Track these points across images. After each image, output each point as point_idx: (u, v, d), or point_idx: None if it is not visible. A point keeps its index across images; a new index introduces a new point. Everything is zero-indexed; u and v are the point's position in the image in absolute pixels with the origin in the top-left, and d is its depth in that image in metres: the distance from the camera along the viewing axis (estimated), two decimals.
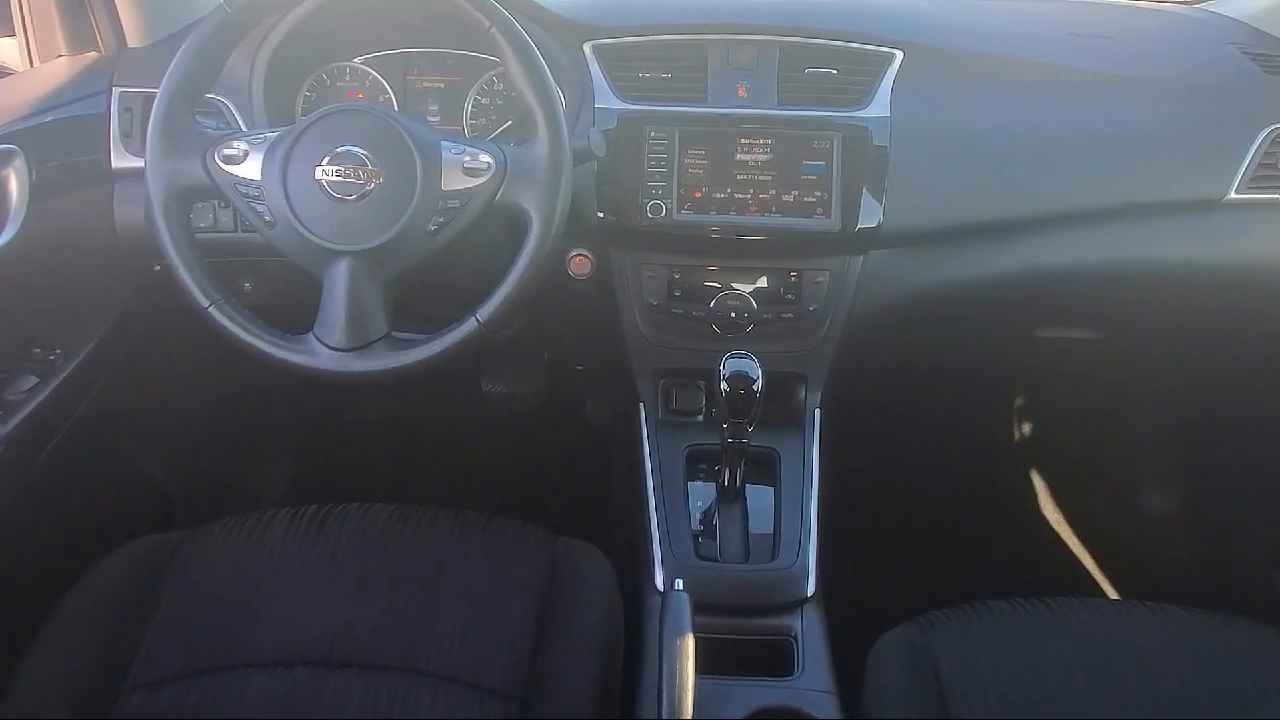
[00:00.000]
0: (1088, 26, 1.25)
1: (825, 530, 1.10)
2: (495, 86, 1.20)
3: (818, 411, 1.19)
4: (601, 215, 1.11)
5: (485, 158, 0.91)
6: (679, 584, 0.88)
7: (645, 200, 1.09)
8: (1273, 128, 1.12)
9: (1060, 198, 1.12)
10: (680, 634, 0.83)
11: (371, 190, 0.90)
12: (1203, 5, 1.43)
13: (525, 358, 1.78)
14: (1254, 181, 1.12)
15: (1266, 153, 1.12)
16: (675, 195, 1.09)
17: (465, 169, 0.91)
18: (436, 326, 0.94)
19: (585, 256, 1.15)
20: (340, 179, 0.89)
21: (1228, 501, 1.52)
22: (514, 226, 0.93)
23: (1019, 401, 1.87)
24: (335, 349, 0.91)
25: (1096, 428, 1.76)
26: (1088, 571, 1.69)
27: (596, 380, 1.73)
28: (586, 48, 1.12)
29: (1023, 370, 1.68)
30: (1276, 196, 1.12)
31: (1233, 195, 1.12)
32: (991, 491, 1.83)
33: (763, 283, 1.14)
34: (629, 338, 1.19)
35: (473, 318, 0.92)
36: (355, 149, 0.90)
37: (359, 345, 0.91)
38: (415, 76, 1.22)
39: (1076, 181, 1.12)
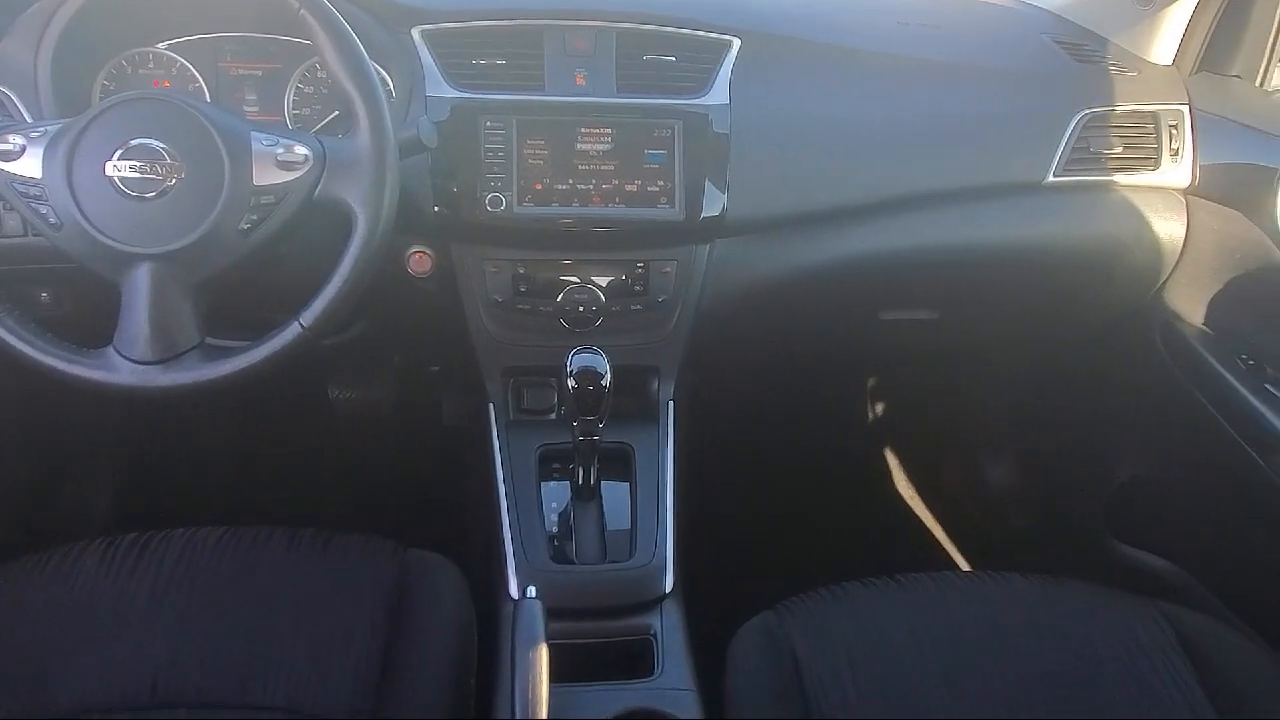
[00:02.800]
0: (914, 16, 1.29)
1: (683, 524, 1.09)
2: (319, 74, 1.12)
3: (671, 403, 1.18)
4: (438, 209, 1.05)
5: (301, 149, 0.85)
6: (531, 591, 0.85)
7: (484, 193, 1.04)
8: (1084, 113, 1.18)
9: (895, 183, 1.15)
10: (533, 644, 0.79)
11: (173, 187, 0.82)
12: None
13: (373, 361, 1.70)
14: (1069, 165, 1.18)
15: (1079, 137, 1.18)
16: (515, 187, 1.05)
17: (279, 162, 0.84)
18: (266, 331, 0.87)
19: (425, 253, 1.10)
20: (136, 175, 0.81)
21: (1062, 470, 1.62)
22: (342, 223, 0.87)
23: (871, 382, 1.93)
24: (138, 362, 0.83)
25: (943, 405, 1.84)
26: (941, 545, 1.76)
27: (450, 381, 1.68)
28: (415, 32, 1.07)
29: (871, 352, 1.73)
30: (1088, 178, 1.19)
31: (1051, 178, 1.18)
32: (849, 472, 1.88)
33: (610, 275, 1.11)
34: (475, 336, 1.15)
35: (295, 322, 0.86)
36: (152, 142, 0.82)
37: (166, 357, 0.83)
38: (229, 64, 1.12)
39: (909, 167, 1.15)
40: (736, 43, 1.12)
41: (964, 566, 1.70)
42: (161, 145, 0.82)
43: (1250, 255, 1.13)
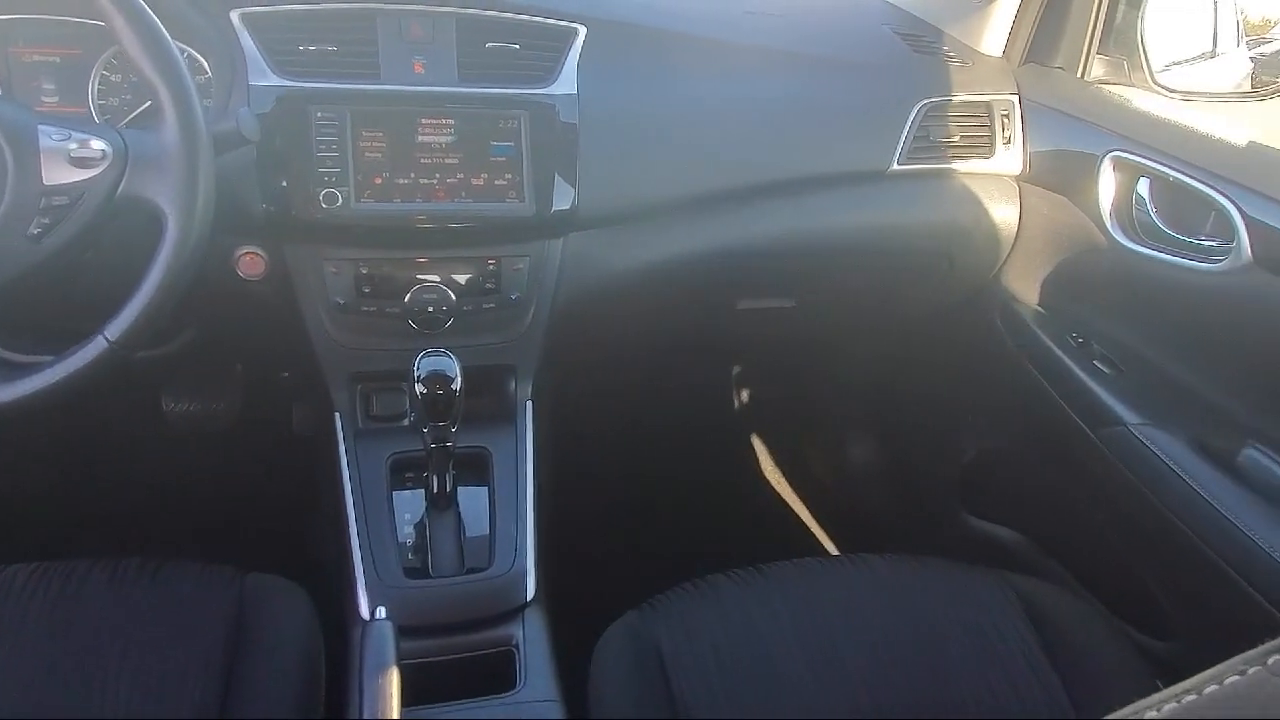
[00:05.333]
0: (760, 4, 1.29)
1: (545, 528, 1.06)
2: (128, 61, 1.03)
3: (530, 403, 1.14)
4: (267, 207, 0.98)
5: (99, 144, 0.77)
6: (381, 612, 0.80)
7: (317, 189, 0.97)
8: (923, 103, 1.21)
9: (745, 172, 1.15)
10: (382, 668, 0.75)
11: None
12: None
13: (212, 370, 1.59)
14: (911, 153, 1.21)
15: (920, 126, 1.21)
16: (352, 182, 0.98)
17: (73, 159, 0.76)
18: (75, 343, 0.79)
19: (256, 255, 1.02)
20: None
21: (917, 450, 1.68)
22: (153, 225, 0.79)
23: (734, 371, 1.95)
24: None
25: (805, 391, 1.87)
26: (809, 529, 1.79)
27: (300, 389, 1.58)
28: (234, 15, 0.99)
29: (732, 342, 1.74)
30: (929, 166, 1.23)
31: (895, 166, 1.21)
32: (716, 462, 1.89)
33: (460, 273, 1.06)
34: (316, 342, 1.08)
35: (100, 336, 0.78)
36: None
37: None
38: (21, 49, 1.01)
39: (758, 156, 1.16)
40: (583, 30, 1.09)
41: (831, 548, 1.74)
42: None
43: (1077, 238, 1.19)
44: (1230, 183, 0.99)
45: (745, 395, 1.96)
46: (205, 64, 1.01)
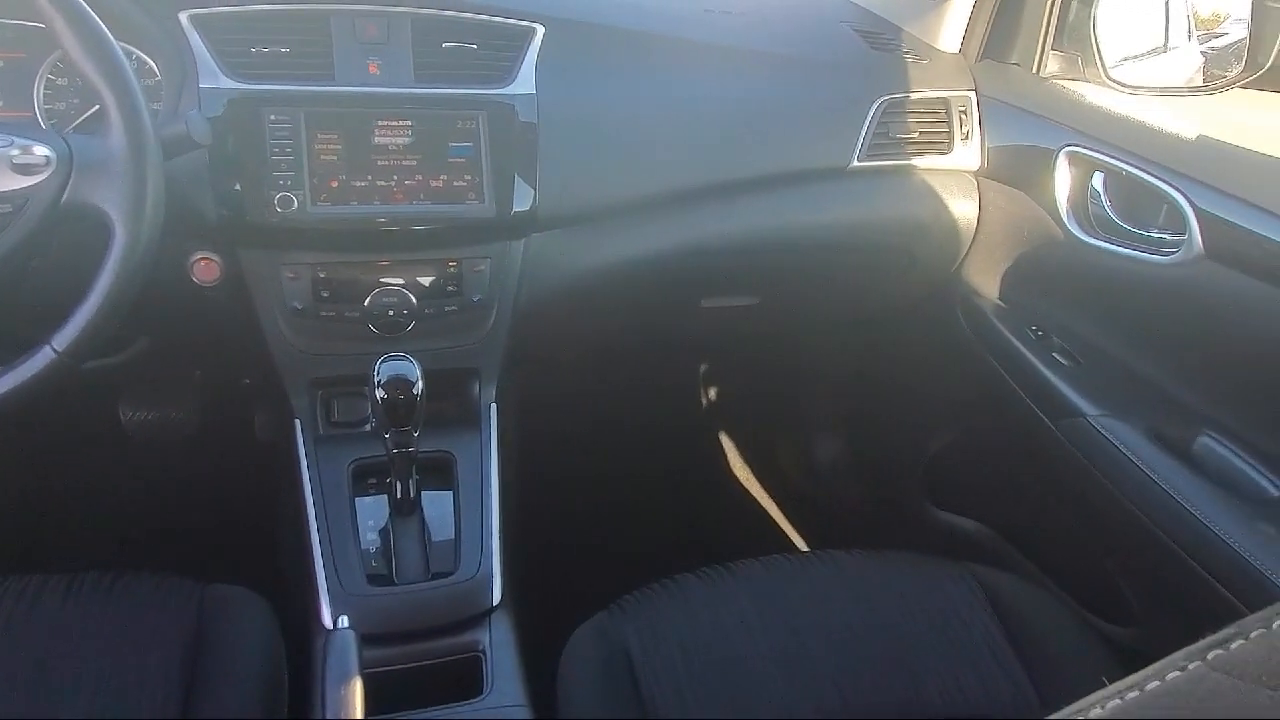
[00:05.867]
0: (719, 3, 1.29)
1: (512, 531, 1.05)
2: None
3: (494, 406, 1.14)
4: (221, 212, 0.96)
5: (42, 150, 0.75)
6: (344, 621, 0.79)
7: (272, 193, 0.96)
8: (883, 99, 1.22)
9: (706, 171, 1.15)
10: (345, 678, 0.74)
11: None
12: None
13: (171, 378, 1.56)
14: (871, 150, 1.21)
15: (879, 123, 1.22)
16: (307, 186, 0.97)
17: (15, 165, 0.74)
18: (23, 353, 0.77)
19: (211, 260, 1.00)
20: None
21: (883, 444, 1.69)
22: (102, 232, 0.78)
23: (702, 369, 1.95)
24: None
25: (772, 388, 1.88)
26: (779, 526, 1.80)
27: (262, 395, 1.56)
28: (183, 17, 0.97)
29: (698, 340, 1.74)
30: (889, 163, 1.23)
31: (855, 163, 1.21)
32: (685, 460, 1.89)
33: (420, 275, 1.05)
34: (274, 348, 1.06)
35: (48, 346, 0.76)
36: None
37: None
38: None
39: (719, 155, 1.15)
40: (540, 30, 1.08)
41: (800, 543, 1.75)
42: None
43: (1035, 232, 1.20)
44: (1181, 176, 1.01)
45: (713, 393, 1.96)
46: (154, 66, 0.99)
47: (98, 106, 0.99)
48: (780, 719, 0.84)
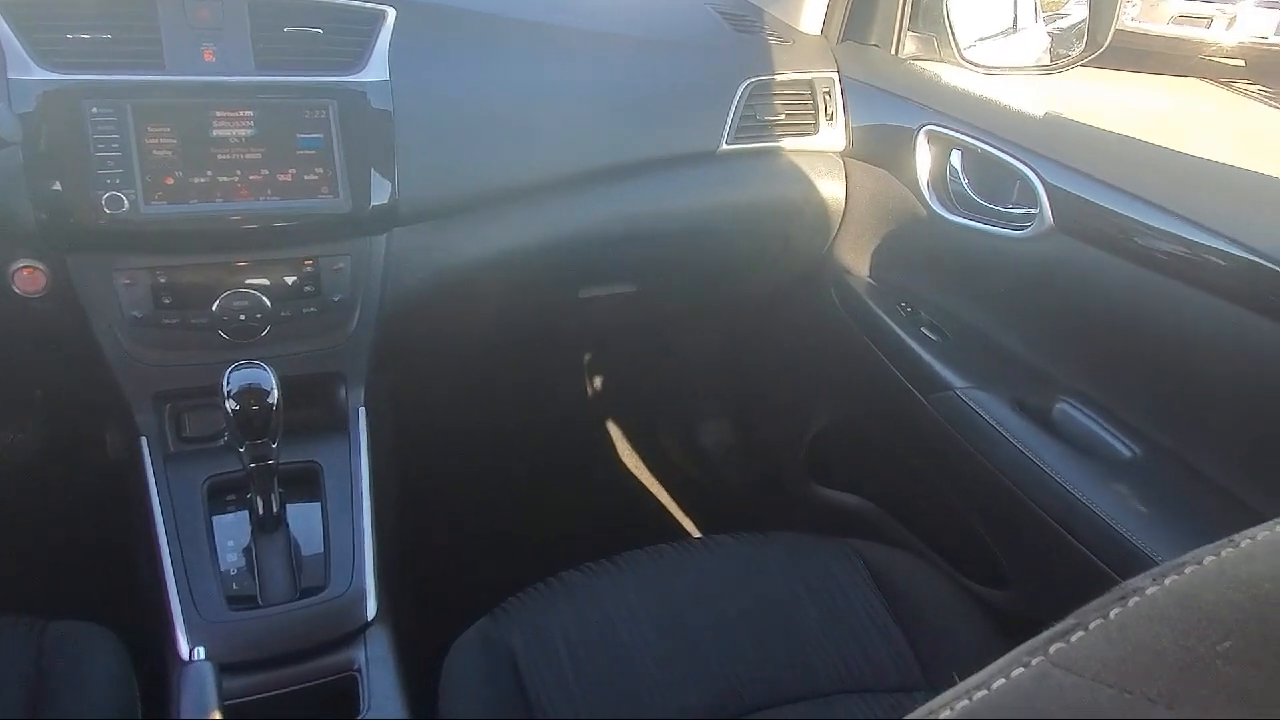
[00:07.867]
0: None
1: (388, 540, 1.00)
2: None
3: (362, 410, 1.08)
4: (40, 216, 0.88)
5: None
6: (200, 652, 0.74)
7: (99, 193, 0.88)
8: (748, 82, 1.22)
9: (571, 159, 1.12)
10: (201, 713, 0.68)
11: None
12: None
13: (5, 400, 1.43)
14: (739, 133, 1.21)
15: (746, 105, 1.22)
16: (139, 184, 0.89)
17: None
18: None
19: (34, 268, 0.92)
20: None
21: (767, 426, 1.70)
22: None
23: (585, 360, 1.92)
24: None
25: (656, 375, 1.87)
26: (670, 513, 1.79)
27: (110, 411, 1.45)
28: None
29: (579, 331, 1.72)
30: (757, 145, 1.23)
31: (724, 146, 1.21)
32: (572, 453, 1.87)
33: (274, 277, 0.99)
34: (113, 361, 0.98)
35: None
36: None
37: None
38: None
39: (585, 141, 1.13)
40: (392, 13, 1.03)
41: (692, 530, 1.75)
42: None
43: (900, 210, 1.23)
44: (1031, 152, 1.04)
45: (597, 384, 1.95)
46: None
47: None
48: (669, 707, 0.84)
